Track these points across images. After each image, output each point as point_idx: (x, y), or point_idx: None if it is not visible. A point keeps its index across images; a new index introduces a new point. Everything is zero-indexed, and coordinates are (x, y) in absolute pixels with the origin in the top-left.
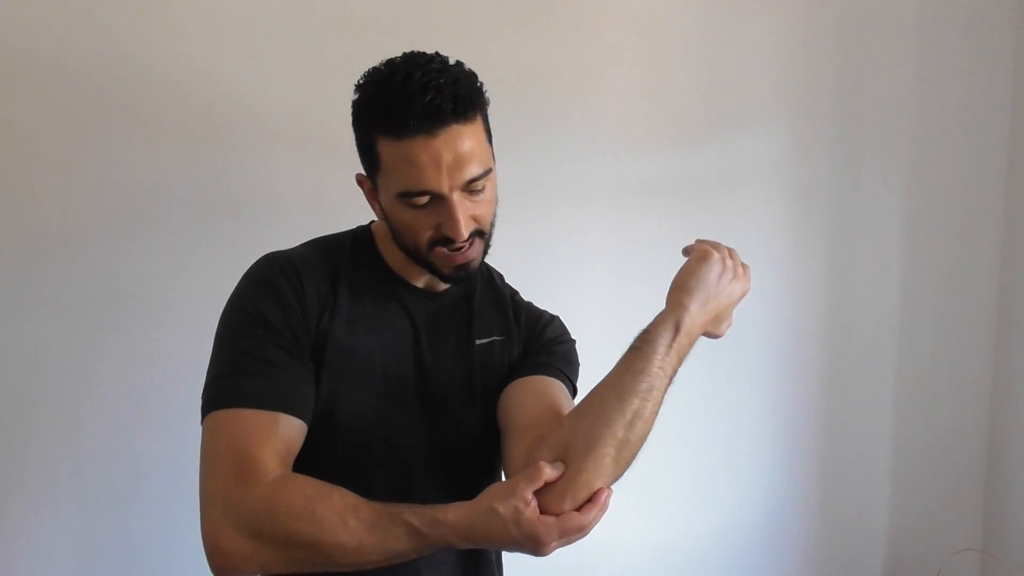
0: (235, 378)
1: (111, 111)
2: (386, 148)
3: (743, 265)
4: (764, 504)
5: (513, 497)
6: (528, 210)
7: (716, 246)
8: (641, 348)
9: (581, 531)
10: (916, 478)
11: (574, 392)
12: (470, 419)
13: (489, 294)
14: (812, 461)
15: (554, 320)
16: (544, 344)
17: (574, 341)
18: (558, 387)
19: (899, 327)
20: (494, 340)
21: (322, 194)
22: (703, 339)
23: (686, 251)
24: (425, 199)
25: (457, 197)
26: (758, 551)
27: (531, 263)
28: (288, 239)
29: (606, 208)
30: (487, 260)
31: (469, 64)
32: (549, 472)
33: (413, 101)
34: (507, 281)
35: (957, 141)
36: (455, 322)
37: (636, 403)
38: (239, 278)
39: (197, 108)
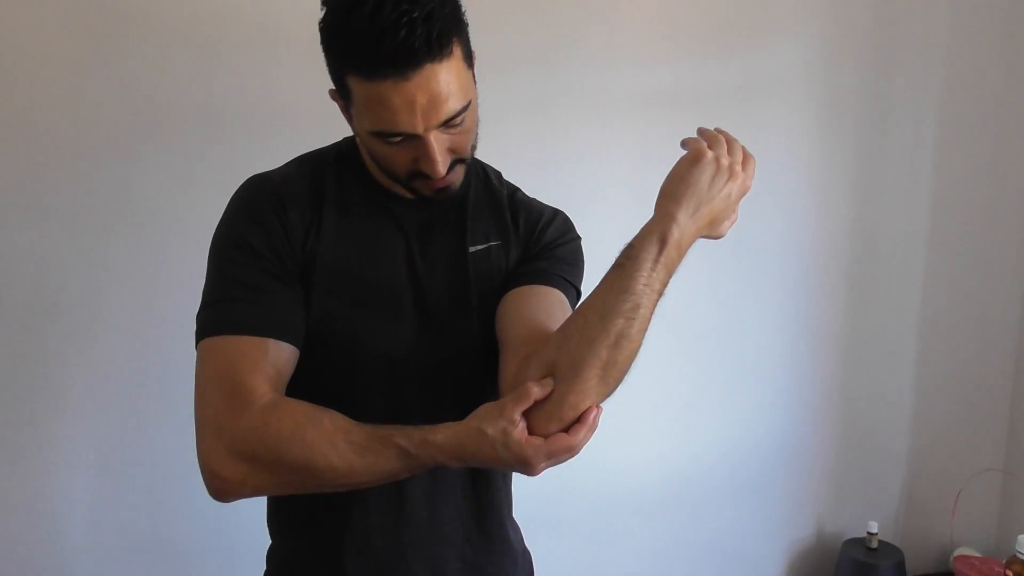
0: (223, 305)
1: (119, 22)
2: (356, 85)
3: (746, 157)
4: (785, 421)
5: (501, 419)
6: (547, 123)
7: (715, 140)
8: (625, 265)
9: (569, 452)
10: (940, 397)
11: (578, 296)
12: (468, 329)
13: (484, 196)
14: (834, 378)
15: (556, 217)
16: (544, 247)
17: (579, 238)
18: (555, 297)
19: (927, 243)
20: (490, 246)
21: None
22: (724, 247)
23: (683, 144)
24: (399, 139)
25: (434, 135)
26: (778, 469)
27: (550, 177)
28: (297, 148)
29: (627, 120)
30: (485, 159)
31: None
32: (537, 391)
33: (383, 40)
34: (515, 185)
35: (994, 52)
36: (448, 230)
37: (620, 323)
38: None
39: (206, 17)
